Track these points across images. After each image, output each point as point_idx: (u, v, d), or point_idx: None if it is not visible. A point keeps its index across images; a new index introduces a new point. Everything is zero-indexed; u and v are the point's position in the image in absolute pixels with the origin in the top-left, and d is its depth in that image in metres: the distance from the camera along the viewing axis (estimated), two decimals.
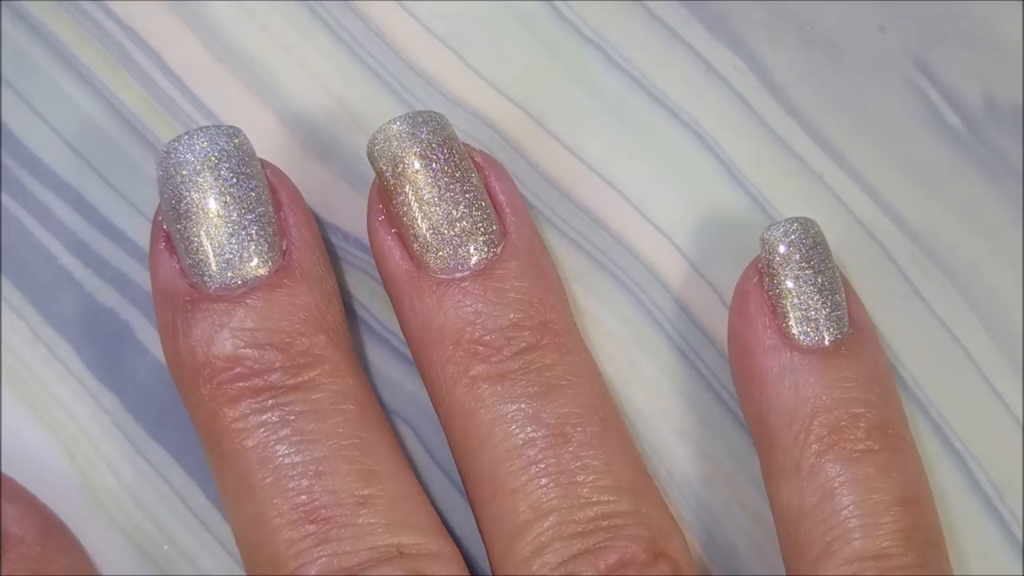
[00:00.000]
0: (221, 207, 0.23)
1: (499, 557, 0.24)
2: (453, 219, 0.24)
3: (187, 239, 0.23)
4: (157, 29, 0.27)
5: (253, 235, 0.23)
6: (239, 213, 0.23)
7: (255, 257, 0.23)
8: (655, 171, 0.27)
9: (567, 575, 0.23)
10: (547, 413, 0.23)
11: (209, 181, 0.23)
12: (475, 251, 0.24)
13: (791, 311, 0.25)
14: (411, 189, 0.24)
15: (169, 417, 0.26)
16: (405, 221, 0.24)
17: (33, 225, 0.26)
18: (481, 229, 0.24)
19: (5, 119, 0.26)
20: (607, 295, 0.27)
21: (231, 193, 0.23)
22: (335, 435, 0.23)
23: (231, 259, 0.23)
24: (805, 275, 0.25)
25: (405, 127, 0.24)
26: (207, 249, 0.23)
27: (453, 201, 0.24)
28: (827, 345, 0.25)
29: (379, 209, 0.25)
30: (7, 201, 0.26)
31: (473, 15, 0.27)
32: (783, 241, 0.25)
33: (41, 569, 0.24)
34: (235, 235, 0.23)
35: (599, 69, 0.27)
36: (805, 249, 0.25)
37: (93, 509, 0.26)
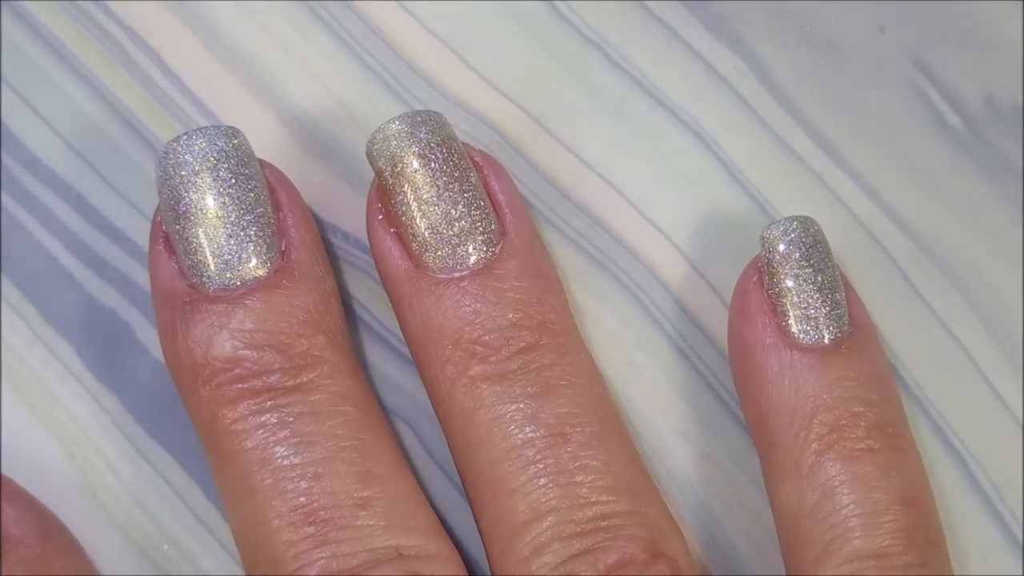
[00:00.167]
0: (220, 208, 0.23)
1: (498, 557, 0.24)
2: (452, 218, 0.24)
3: (186, 240, 0.23)
4: (157, 29, 0.27)
5: (252, 236, 0.23)
6: (238, 214, 0.23)
7: (254, 258, 0.23)
8: (655, 171, 0.27)
9: (566, 575, 0.23)
10: (546, 413, 0.23)
11: (208, 182, 0.23)
12: (474, 251, 0.24)
13: (791, 310, 0.25)
14: (410, 188, 0.24)
15: (169, 417, 0.26)
16: (404, 220, 0.24)
17: (33, 225, 0.26)
18: (480, 229, 0.24)
19: (5, 119, 0.26)
20: (607, 295, 0.27)
21: (230, 194, 0.23)
22: (334, 437, 0.23)
23: (230, 260, 0.23)
24: (805, 273, 0.25)
25: (404, 126, 0.24)
26: (206, 250, 0.23)
27: (452, 200, 0.24)
28: (827, 344, 0.25)
29: (378, 208, 0.25)
30: (7, 201, 0.26)
31: (473, 15, 0.27)
32: (783, 239, 0.25)
33: (40, 570, 0.24)
34: (234, 236, 0.23)
35: (599, 69, 0.27)
36: (805, 248, 0.25)
37: (93, 509, 0.26)
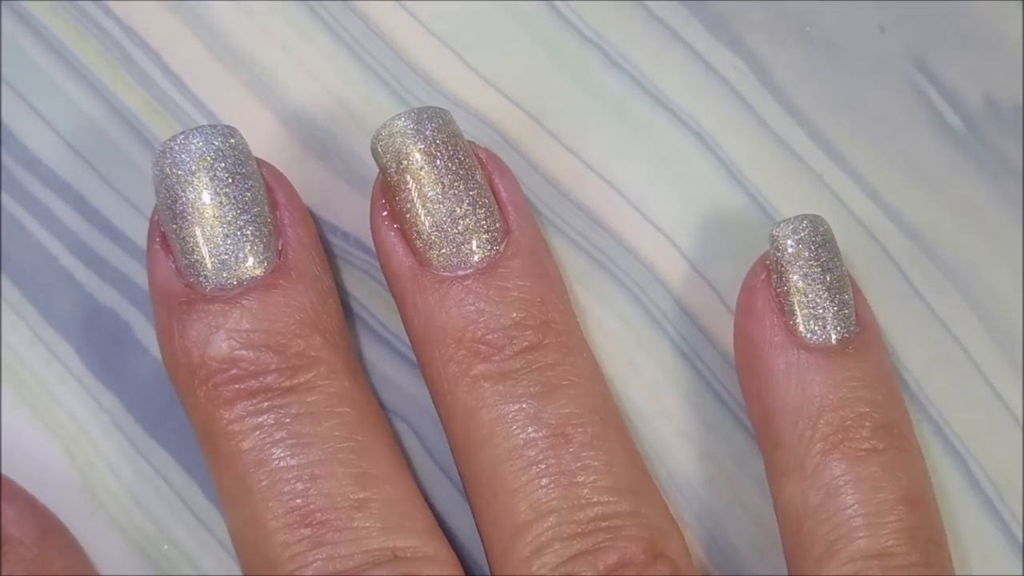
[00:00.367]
0: (216, 207, 0.23)
1: (498, 557, 0.24)
2: (456, 216, 0.24)
3: (183, 239, 0.23)
4: (157, 29, 0.27)
5: (249, 235, 0.23)
6: (234, 213, 0.23)
7: (251, 257, 0.23)
8: (655, 171, 0.27)
9: (566, 575, 0.23)
10: (548, 413, 0.23)
11: (204, 181, 0.23)
12: (478, 249, 0.24)
13: (799, 309, 0.25)
14: (414, 186, 0.24)
15: (169, 417, 0.26)
16: (408, 218, 0.24)
17: (33, 225, 0.26)
18: (484, 227, 0.24)
19: (5, 119, 0.26)
20: (607, 295, 0.27)
21: (226, 193, 0.23)
22: (331, 438, 0.23)
23: (226, 259, 0.23)
24: (814, 273, 0.25)
25: (409, 123, 0.24)
26: (203, 249, 0.23)
27: (457, 198, 0.24)
28: (834, 344, 0.25)
29: (382, 205, 0.25)
30: (7, 201, 0.26)
31: (473, 15, 0.27)
32: (792, 238, 0.25)
33: (39, 570, 0.24)
34: (231, 235, 0.23)
35: (599, 69, 0.27)
36: (814, 247, 0.25)
37: (93, 509, 0.26)
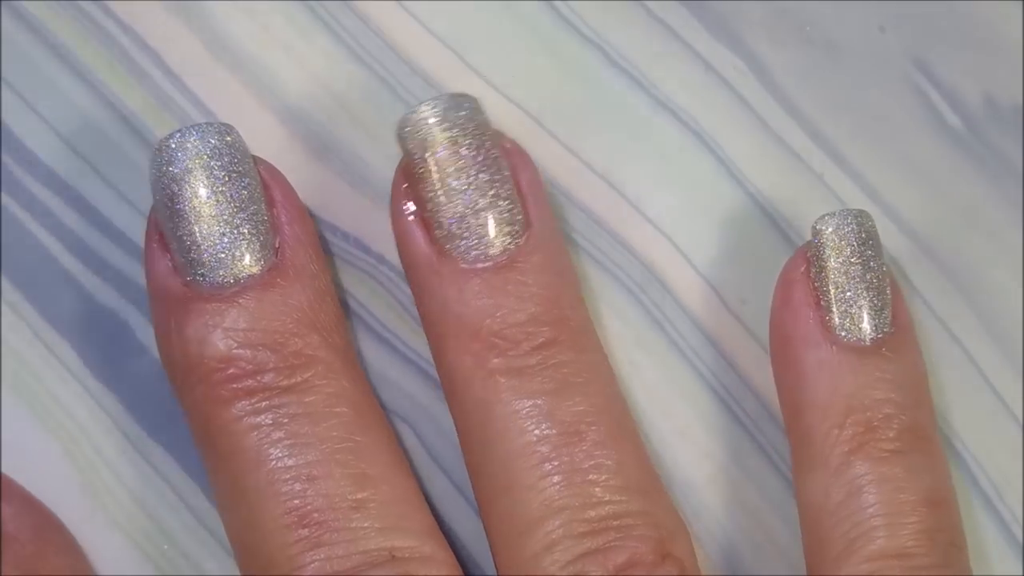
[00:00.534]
0: (213, 205, 0.23)
1: (506, 553, 0.23)
2: (478, 208, 0.24)
3: (179, 238, 0.23)
4: (157, 29, 0.27)
5: (245, 233, 0.23)
6: (231, 211, 0.23)
7: (248, 255, 0.23)
8: (655, 171, 0.27)
9: (576, 574, 0.23)
10: (562, 410, 0.23)
11: (200, 179, 0.23)
12: (499, 242, 0.24)
13: (835, 305, 0.25)
14: (438, 174, 0.24)
15: (169, 417, 0.26)
16: (430, 206, 0.24)
17: (33, 225, 0.26)
18: (506, 220, 0.24)
19: (5, 119, 0.26)
20: (607, 295, 0.27)
21: (223, 191, 0.23)
22: (329, 439, 0.23)
23: (223, 258, 0.23)
24: (854, 270, 0.25)
25: (437, 110, 0.23)
26: (199, 247, 0.23)
27: (480, 189, 0.24)
28: (868, 343, 0.25)
29: (404, 191, 0.24)
30: (7, 201, 0.26)
31: (473, 15, 0.27)
32: (835, 232, 0.25)
33: (34, 568, 0.24)
34: (227, 234, 0.23)
35: (599, 69, 0.27)
36: (857, 243, 0.25)
37: (93, 509, 0.26)
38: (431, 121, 0.23)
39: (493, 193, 0.24)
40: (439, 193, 0.24)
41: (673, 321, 0.27)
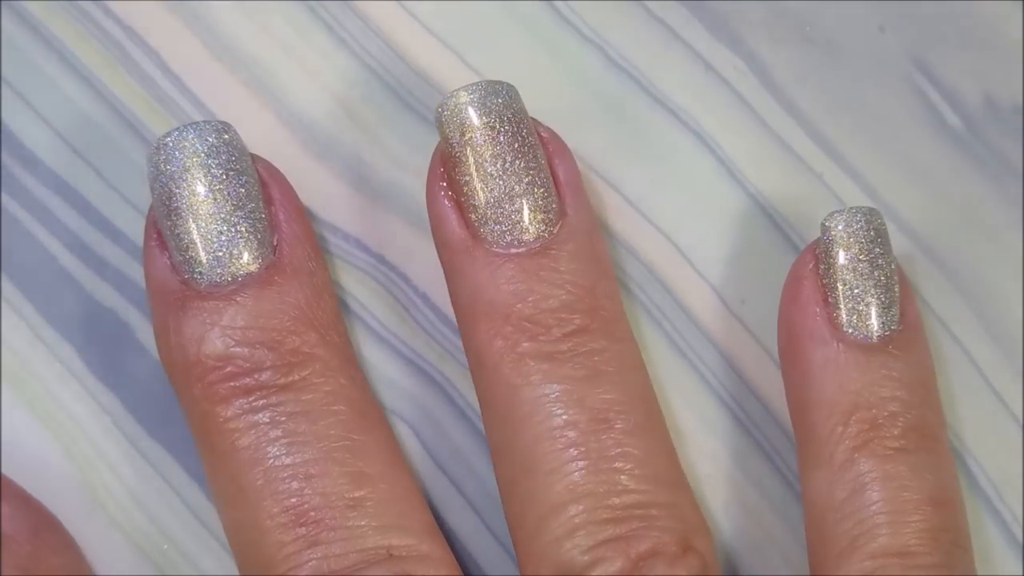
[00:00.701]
0: (210, 203, 0.23)
1: (527, 536, 0.23)
2: (514, 194, 0.24)
3: (177, 236, 0.23)
4: (157, 29, 0.27)
5: (243, 231, 0.23)
6: (228, 209, 0.23)
7: (245, 253, 0.23)
8: (655, 171, 0.27)
9: (597, 559, 0.23)
10: (592, 397, 0.23)
11: (198, 177, 0.23)
12: (532, 228, 0.24)
13: (843, 302, 0.25)
14: (475, 159, 0.24)
15: (169, 417, 0.26)
16: (466, 190, 0.24)
17: (33, 225, 0.26)
18: (541, 207, 0.24)
19: (5, 119, 0.26)
20: None
21: (220, 189, 0.23)
22: (326, 437, 0.23)
23: (221, 256, 0.23)
24: (862, 267, 0.25)
25: (475, 96, 0.24)
26: (197, 246, 0.23)
27: (516, 176, 0.24)
28: (875, 341, 0.25)
29: (440, 174, 0.24)
30: (7, 201, 0.26)
31: (473, 15, 0.27)
32: (844, 230, 0.25)
33: (31, 568, 0.24)
34: (225, 232, 0.23)
35: (599, 69, 0.27)
36: (866, 241, 0.25)
37: (93, 509, 0.26)
38: (469, 106, 0.24)
39: (528, 180, 0.24)
40: (474, 178, 0.24)
41: (673, 321, 0.27)
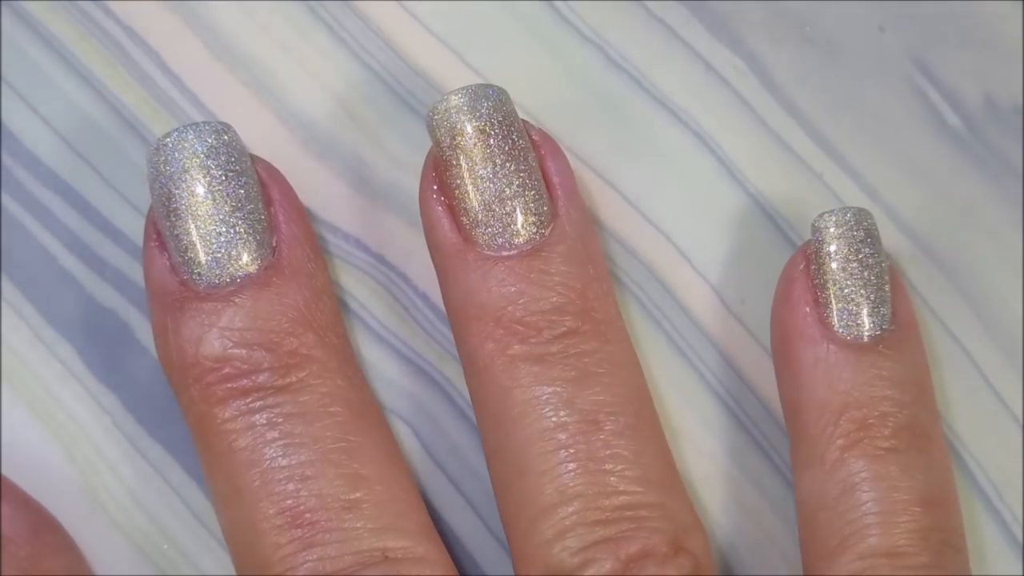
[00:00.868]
0: (210, 204, 0.23)
1: (519, 537, 0.23)
2: (505, 196, 0.24)
3: (176, 237, 0.23)
4: (157, 29, 0.27)
5: (242, 232, 0.23)
6: (228, 210, 0.23)
7: (244, 254, 0.23)
8: (655, 171, 0.27)
9: (587, 560, 0.23)
10: (582, 399, 0.23)
11: (198, 178, 0.23)
12: (524, 231, 0.24)
13: (834, 302, 0.25)
14: (466, 162, 0.24)
15: (169, 417, 0.26)
16: (457, 194, 0.24)
17: (33, 225, 0.26)
18: (532, 209, 0.24)
19: (5, 119, 0.26)
20: None
21: (219, 190, 0.23)
22: (323, 439, 0.23)
23: (220, 257, 0.23)
24: (852, 267, 0.25)
25: (465, 99, 0.24)
26: (196, 247, 0.23)
27: (507, 179, 0.24)
28: (866, 340, 0.25)
29: (432, 178, 0.24)
30: (7, 201, 0.26)
31: (473, 15, 0.27)
32: (834, 230, 0.25)
33: (30, 569, 0.24)
34: (224, 233, 0.23)
35: (599, 69, 0.27)
36: (856, 240, 0.25)
37: (93, 509, 0.26)
38: (458, 110, 0.24)
39: (519, 182, 0.24)
40: (466, 181, 0.24)
41: (673, 321, 0.27)
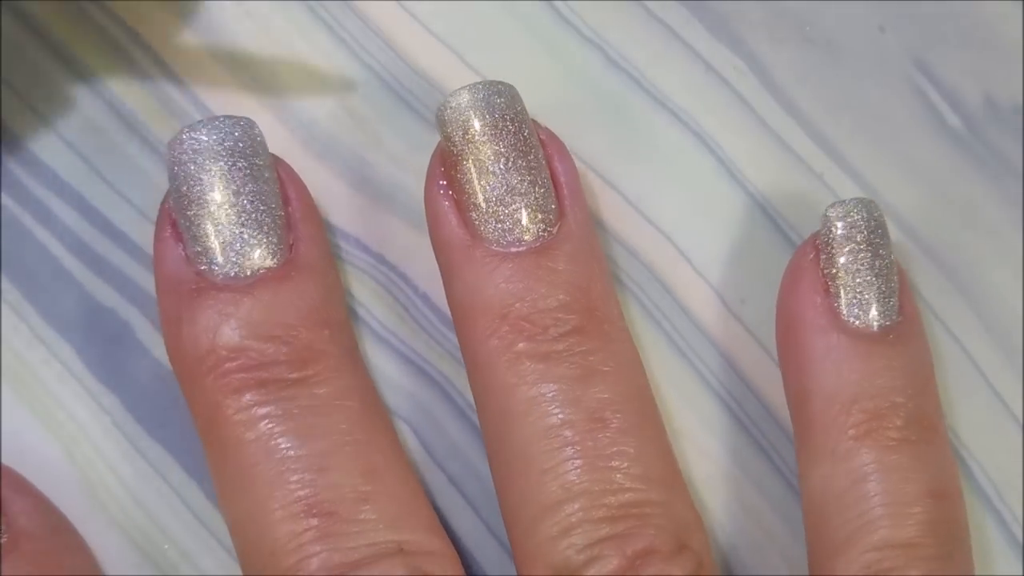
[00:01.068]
0: (232, 197, 0.23)
1: (522, 535, 0.23)
2: (516, 193, 0.24)
3: (196, 227, 0.23)
4: (157, 29, 0.27)
5: (262, 226, 0.23)
6: (249, 204, 0.23)
7: (263, 249, 0.23)
8: (655, 171, 0.27)
9: (593, 557, 0.23)
10: (587, 397, 0.23)
11: (222, 170, 0.23)
12: (531, 228, 0.24)
13: (844, 292, 0.25)
14: (475, 159, 0.24)
15: (169, 417, 0.26)
16: (467, 190, 0.24)
17: (33, 225, 0.26)
18: (540, 207, 0.24)
19: (5, 119, 0.26)
20: None
21: (243, 184, 0.23)
22: (337, 431, 0.23)
23: (240, 249, 0.23)
24: (862, 257, 0.25)
25: (477, 96, 0.24)
26: (215, 238, 0.23)
27: (518, 175, 0.24)
28: (875, 331, 0.25)
29: (440, 173, 0.24)
30: (7, 201, 0.26)
31: (473, 15, 0.27)
32: (845, 220, 0.25)
33: (48, 565, 0.24)
34: (244, 225, 0.23)
35: (599, 69, 0.27)
36: (867, 231, 0.25)
37: (93, 509, 0.26)
38: (472, 107, 0.24)
39: (530, 180, 0.24)
40: (475, 177, 0.24)
41: (673, 321, 0.27)
